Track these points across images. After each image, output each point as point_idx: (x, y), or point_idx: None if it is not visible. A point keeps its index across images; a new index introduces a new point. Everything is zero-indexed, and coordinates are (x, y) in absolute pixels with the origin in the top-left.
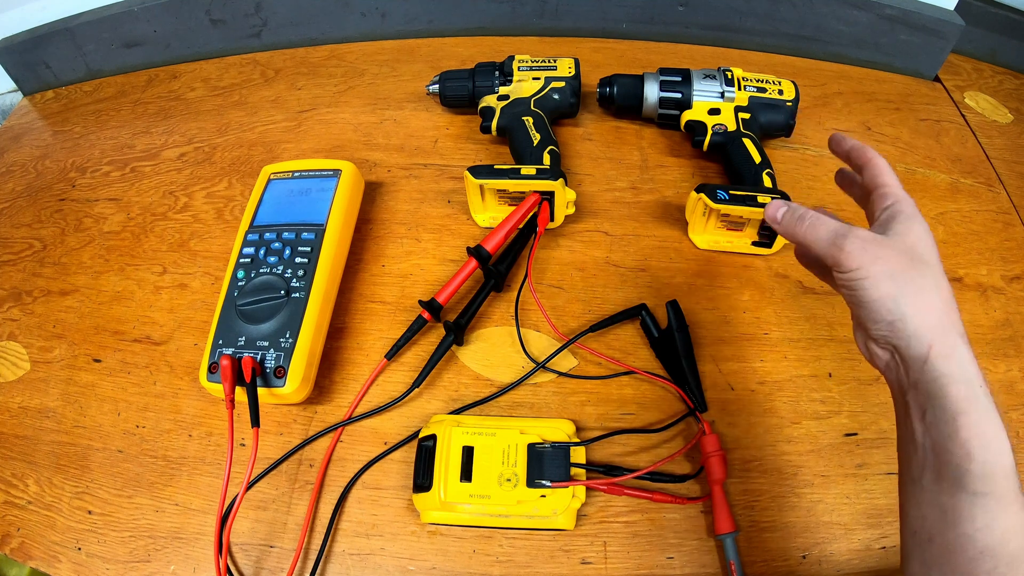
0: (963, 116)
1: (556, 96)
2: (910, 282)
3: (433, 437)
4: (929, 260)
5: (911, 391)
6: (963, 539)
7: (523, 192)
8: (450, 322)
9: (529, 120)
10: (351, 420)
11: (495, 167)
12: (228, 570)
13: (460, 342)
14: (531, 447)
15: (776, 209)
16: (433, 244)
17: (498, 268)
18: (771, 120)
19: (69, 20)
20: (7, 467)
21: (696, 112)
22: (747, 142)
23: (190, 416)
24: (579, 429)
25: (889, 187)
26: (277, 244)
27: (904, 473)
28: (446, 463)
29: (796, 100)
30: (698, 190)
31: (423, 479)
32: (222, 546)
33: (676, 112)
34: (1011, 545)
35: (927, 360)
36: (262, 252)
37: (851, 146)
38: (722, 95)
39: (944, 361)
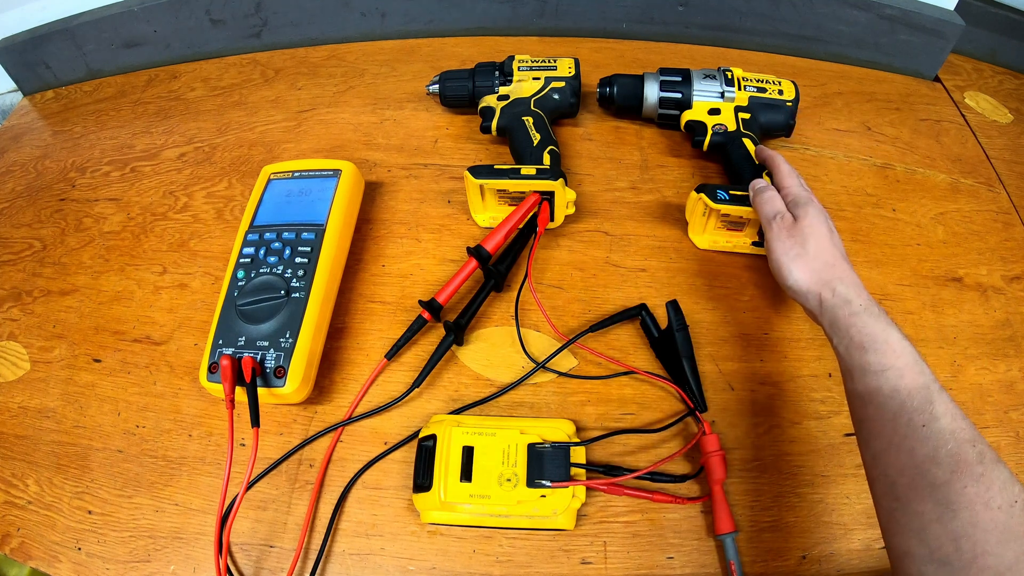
0: (963, 116)
1: (556, 96)
2: (798, 257)
3: (433, 437)
4: (813, 239)
5: (825, 331)
6: (879, 406)
7: (523, 192)
8: (450, 322)
9: (529, 120)
10: (351, 420)
11: (495, 167)
12: (228, 570)
13: (460, 342)
14: (531, 447)
15: (757, 181)
16: (433, 244)
17: (498, 268)
18: (771, 120)
19: (69, 20)
20: (7, 467)
21: (696, 112)
22: (747, 142)
23: (190, 416)
24: (579, 429)
25: (788, 187)
26: (277, 244)
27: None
28: (446, 463)
29: (796, 100)
30: (698, 190)
31: (423, 479)
32: (222, 546)
33: (676, 112)
34: (915, 392)
35: (821, 306)
36: (262, 252)
37: (766, 156)
38: (722, 95)
39: (829, 302)
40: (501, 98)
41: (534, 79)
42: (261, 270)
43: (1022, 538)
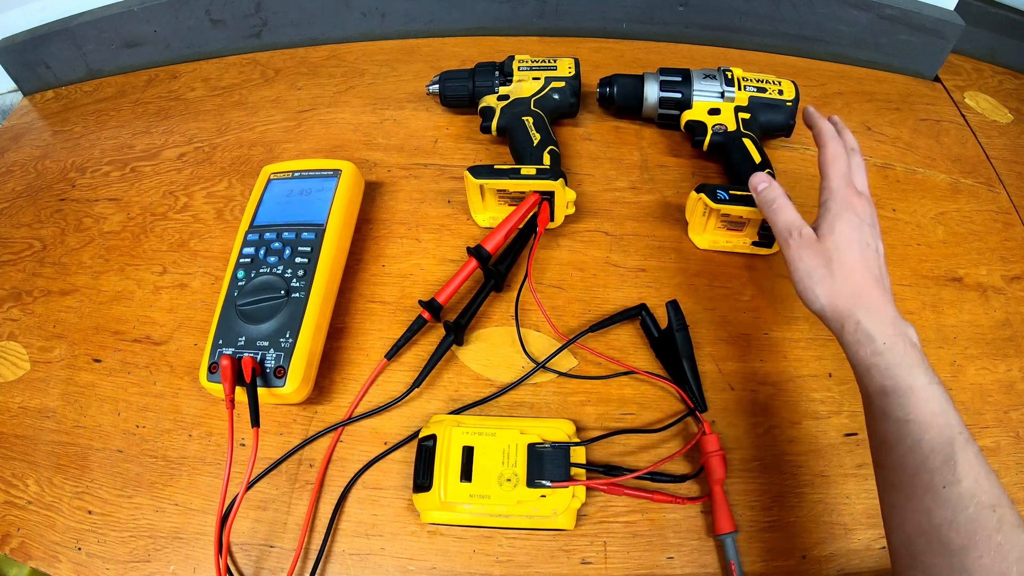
0: (963, 116)
1: (556, 96)
2: (822, 281)
3: (433, 437)
4: (838, 261)
5: (848, 357)
6: (899, 458)
7: (523, 192)
8: (450, 322)
9: (529, 120)
10: (351, 420)
11: (495, 167)
12: (228, 570)
13: (460, 342)
14: (531, 447)
15: (759, 182)
16: (433, 244)
17: (498, 268)
18: (771, 120)
19: (69, 20)
20: (7, 467)
21: (696, 112)
22: (747, 142)
23: (190, 416)
24: (579, 429)
25: (828, 180)
26: (277, 244)
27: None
28: (446, 463)
29: (796, 100)
30: (698, 190)
31: (423, 479)
32: (222, 546)
33: (676, 112)
34: (938, 449)
35: (842, 336)
36: (262, 252)
37: (817, 129)
38: (722, 95)
39: (852, 336)
40: (501, 98)
41: (534, 79)
42: (261, 270)
43: None
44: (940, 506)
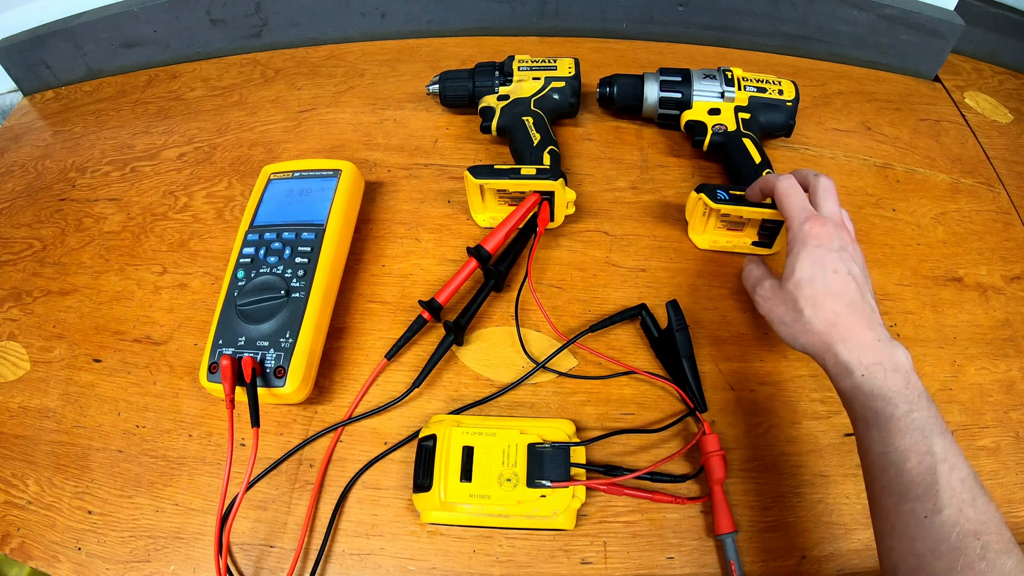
0: (963, 116)
1: (556, 96)
2: (793, 323)
3: (433, 437)
4: (803, 299)
5: (835, 389)
6: (883, 487)
7: (523, 192)
8: (450, 322)
9: (529, 120)
10: (351, 420)
11: (495, 167)
12: (228, 570)
13: (460, 342)
14: (531, 447)
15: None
16: (433, 244)
17: (498, 268)
18: (771, 120)
19: (69, 20)
20: (7, 467)
21: (696, 112)
22: (747, 142)
23: (190, 416)
24: (579, 429)
25: (788, 218)
26: (277, 244)
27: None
28: (446, 463)
29: (796, 100)
30: (698, 190)
31: (423, 479)
32: (222, 546)
33: (676, 112)
34: (919, 479)
35: (826, 370)
36: (262, 252)
37: (760, 187)
38: (722, 95)
39: (832, 369)
40: (501, 98)
41: (534, 79)
42: (261, 270)
43: None
44: (923, 535)
